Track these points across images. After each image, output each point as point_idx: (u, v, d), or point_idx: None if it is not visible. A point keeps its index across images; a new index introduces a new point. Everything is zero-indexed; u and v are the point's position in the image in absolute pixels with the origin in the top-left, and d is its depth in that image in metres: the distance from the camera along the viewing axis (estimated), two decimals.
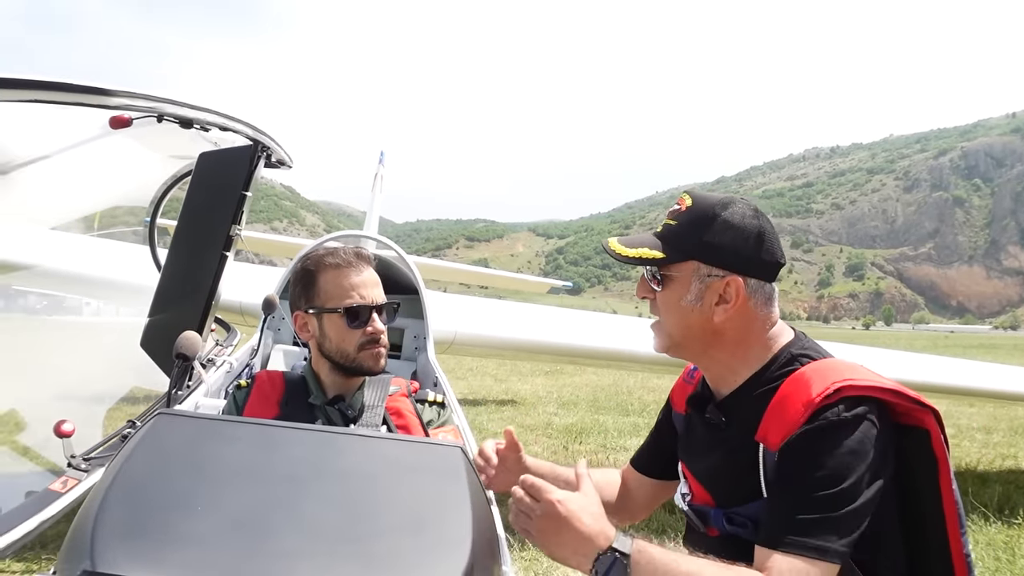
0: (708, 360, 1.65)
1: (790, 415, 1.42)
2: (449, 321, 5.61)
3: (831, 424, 1.38)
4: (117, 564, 0.92)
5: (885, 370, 4.82)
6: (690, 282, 1.56)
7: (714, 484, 1.63)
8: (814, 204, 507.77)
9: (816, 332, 41.36)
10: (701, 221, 1.56)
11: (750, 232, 1.55)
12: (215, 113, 1.90)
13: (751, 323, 1.57)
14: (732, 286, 1.53)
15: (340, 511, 1.04)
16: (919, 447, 1.46)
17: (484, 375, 15.65)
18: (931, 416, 1.45)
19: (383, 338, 2.13)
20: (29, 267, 4.38)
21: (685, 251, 1.57)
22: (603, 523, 1.35)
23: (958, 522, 1.44)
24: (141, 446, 1.11)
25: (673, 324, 1.62)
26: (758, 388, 1.54)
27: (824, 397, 1.39)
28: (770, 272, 1.58)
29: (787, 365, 1.53)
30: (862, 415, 1.39)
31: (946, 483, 1.45)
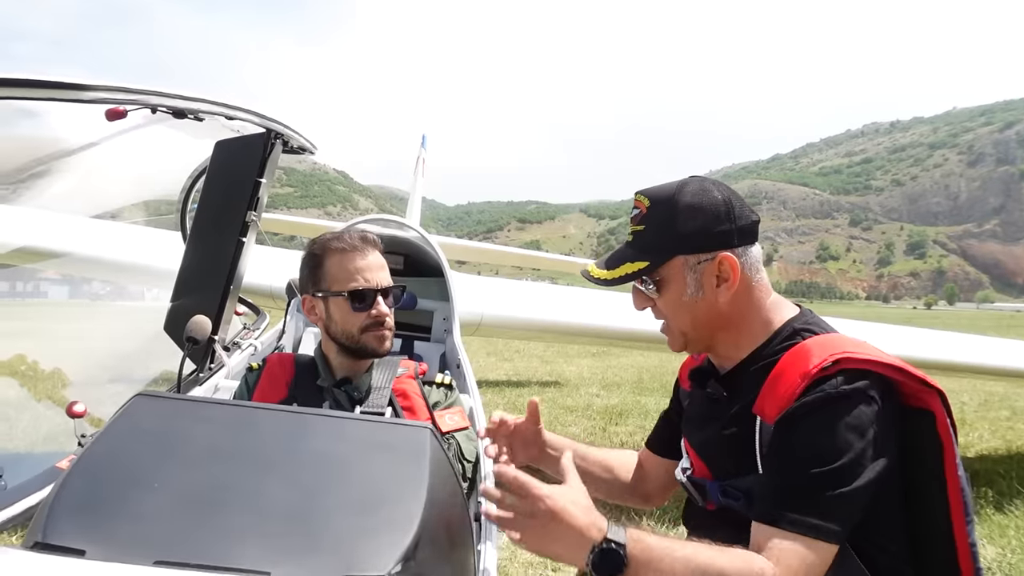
0: (716, 343, 1.64)
1: (787, 387, 1.40)
2: (476, 303, 5.64)
3: (829, 396, 1.35)
4: (66, 536, 0.96)
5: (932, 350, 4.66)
6: (684, 277, 1.54)
7: (711, 457, 1.62)
8: (873, 181, 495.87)
9: (876, 312, 40.56)
10: (666, 216, 1.54)
11: (718, 206, 1.53)
12: (214, 103, 1.94)
13: (750, 292, 1.56)
14: (726, 263, 1.52)
15: (295, 490, 1.06)
16: (924, 430, 1.43)
17: (531, 357, 15.66)
18: (936, 397, 1.42)
19: (388, 320, 2.16)
20: (63, 253, 4.55)
21: (666, 251, 1.55)
22: (594, 515, 1.30)
23: (963, 510, 1.40)
24: (114, 426, 1.16)
25: (683, 322, 1.60)
26: (759, 362, 1.53)
27: (821, 368, 1.37)
28: (751, 234, 1.57)
29: (788, 339, 1.52)
30: (862, 389, 1.36)
31: (951, 469, 1.41)
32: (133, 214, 5.15)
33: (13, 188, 3.84)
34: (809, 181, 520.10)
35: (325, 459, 1.14)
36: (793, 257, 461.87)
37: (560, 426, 7.77)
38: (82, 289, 7.06)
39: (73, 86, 1.30)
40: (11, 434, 3.47)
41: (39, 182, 3.28)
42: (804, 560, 1.29)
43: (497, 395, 9.77)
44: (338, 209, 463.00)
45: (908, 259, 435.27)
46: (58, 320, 6.29)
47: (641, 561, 1.27)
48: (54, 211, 4.77)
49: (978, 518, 4.82)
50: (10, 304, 6.06)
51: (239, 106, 2.13)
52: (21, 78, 1.16)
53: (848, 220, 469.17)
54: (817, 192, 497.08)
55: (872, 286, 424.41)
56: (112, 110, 1.60)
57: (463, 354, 3.32)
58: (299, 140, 2.68)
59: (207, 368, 2.72)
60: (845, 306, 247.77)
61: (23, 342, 3.73)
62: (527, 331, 6.58)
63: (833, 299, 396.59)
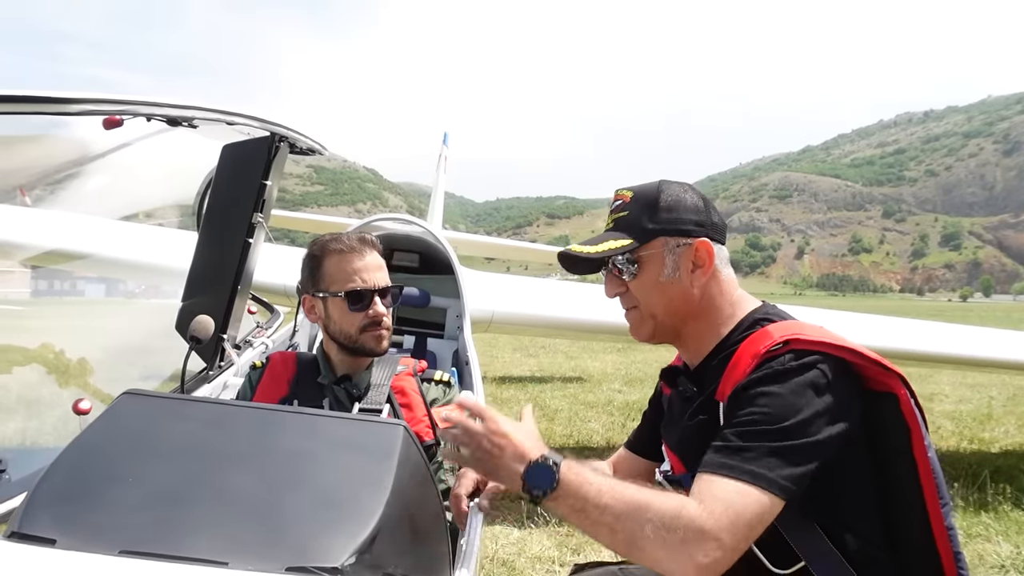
0: (686, 334, 1.68)
1: (740, 369, 1.46)
2: (487, 300, 5.68)
3: (775, 371, 1.40)
4: (40, 527, 1.03)
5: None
6: (663, 257, 1.61)
7: (685, 451, 1.64)
8: (907, 172, 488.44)
9: (910, 305, 40.05)
10: (651, 202, 1.63)
11: (694, 198, 1.64)
12: (212, 111, 2.01)
13: (719, 285, 1.64)
14: (703, 249, 1.60)
15: (261, 486, 1.12)
16: (888, 412, 1.46)
17: (556, 352, 15.71)
18: (897, 380, 1.45)
19: (386, 320, 2.21)
20: (87, 255, 4.69)
21: (650, 230, 1.61)
22: (539, 443, 1.39)
23: (936, 491, 1.43)
24: (99, 423, 1.23)
25: (655, 304, 1.65)
26: (722, 352, 1.58)
27: (769, 349, 1.43)
28: (722, 233, 1.67)
29: (749, 328, 1.58)
30: (810, 364, 1.40)
31: (920, 449, 1.43)
32: (155, 216, 5.29)
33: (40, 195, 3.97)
34: (841, 173, 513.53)
35: (294, 456, 1.20)
36: (825, 250, 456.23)
37: (580, 421, 7.80)
38: (105, 288, 7.24)
39: (60, 100, 1.36)
40: (17, 430, 3.61)
41: (63, 188, 3.39)
42: (732, 503, 1.27)
43: (520, 391, 9.83)
44: (368, 206, 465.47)
45: (943, 251, 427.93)
46: (80, 318, 6.46)
47: (572, 484, 1.31)
48: (81, 215, 4.92)
49: (995, 514, 4.78)
50: (35, 303, 6.24)
51: (238, 112, 2.19)
52: (11, 94, 1.23)
53: (881, 212, 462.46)
54: (849, 184, 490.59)
55: (906, 279, 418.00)
56: (109, 119, 1.67)
57: (472, 351, 3.37)
58: (306, 142, 2.73)
59: (216, 366, 2.79)
60: (879, 299, 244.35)
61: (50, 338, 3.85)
62: (539, 327, 6.63)
63: (866, 292, 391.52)
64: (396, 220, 4.59)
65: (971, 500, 5.05)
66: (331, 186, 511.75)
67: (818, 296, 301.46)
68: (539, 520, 4.45)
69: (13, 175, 3.08)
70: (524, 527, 4.38)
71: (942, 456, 5.21)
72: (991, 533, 4.45)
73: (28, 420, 3.56)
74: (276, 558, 1.00)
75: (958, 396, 10.38)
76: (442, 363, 3.82)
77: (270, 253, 3.96)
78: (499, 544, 4.05)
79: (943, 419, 8.42)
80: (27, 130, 2.23)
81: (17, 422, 3.64)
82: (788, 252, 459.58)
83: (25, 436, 3.54)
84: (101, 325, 5.58)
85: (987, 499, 5.09)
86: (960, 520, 4.65)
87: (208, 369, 2.77)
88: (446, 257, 4.21)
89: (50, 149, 2.51)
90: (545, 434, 7.05)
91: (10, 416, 3.68)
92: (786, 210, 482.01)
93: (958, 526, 4.42)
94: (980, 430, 7.83)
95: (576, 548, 4.06)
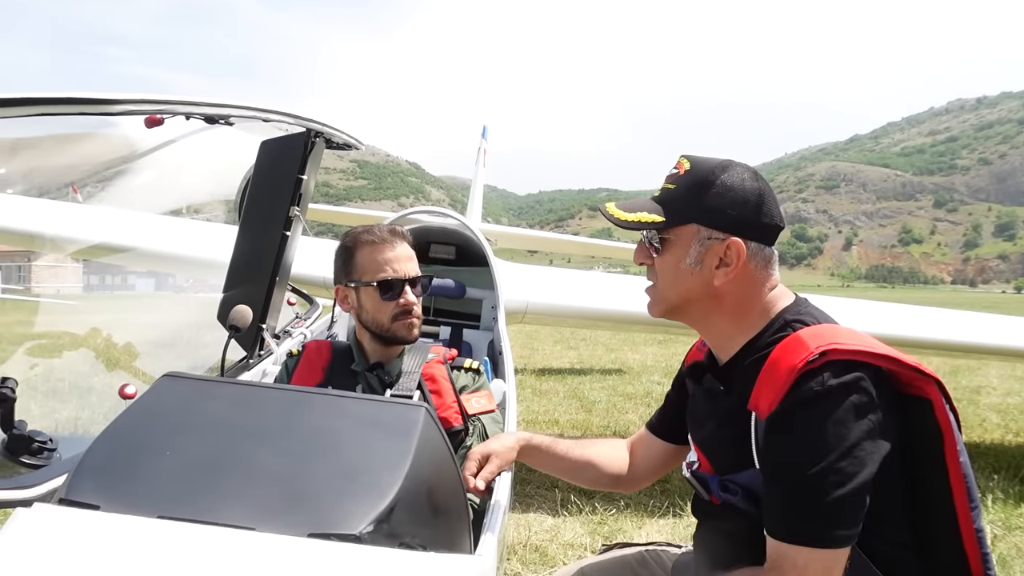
0: (707, 325, 1.66)
1: (776, 382, 1.40)
2: (521, 291, 5.73)
3: (816, 394, 1.35)
4: (85, 494, 1.14)
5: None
6: (690, 245, 1.56)
7: (711, 452, 1.65)
8: (959, 160, 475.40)
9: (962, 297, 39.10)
10: (700, 184, 1.56)
11: (750, 194, 1.54)
12: (248, 108, 2.10)
13: (751, 287, 1.57)
14: (733, 248, 1.53)
15: (288, 459, 1.21)
16: (923, 417, 1.42)
17: (596, 344, 15.72)
18: (933, 385, 1.41)
19: (416, 309, 2.29)
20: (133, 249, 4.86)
21: (685, 214, 1.57)
22: None
23: (967, 495, 1.40)
24: (140, 402, 1.34)
25: (671, 288, 1.62)
26: (752, 355, 1.53)
27: (807, 362, 1.36)
28: (770, 235, 1.57)
29: (780, 331, 1.51)
30: (850, 383, 1.35)
31: (952, 455, 1.40)
32: (198, 211, 5.45)
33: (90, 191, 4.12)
34: (890, 162, 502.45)
35: (320, 433, 1.28)
36: (874, 241, 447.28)
37: (618, 413, 7.84)
38: (153, 282, 7.47)
39: (103, 101, 1.45)
40: (70, 413, 3.78)
41: (111, 185, 3.53)
42: (810, 568, 1.32)
43: (559, 383, 9.87)
44: (411, 200, 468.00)
45: (996, 241, 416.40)
46: (132, 309, 6.67)
47: None
48: (128, 210, 5.10)
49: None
50: (87, 296, 6.47)
51: (274, 109, 2.27)
52: (57, 96, 1.32)
53: (932, 202, 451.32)
54: (899, 173, 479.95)
55: (958, 270, 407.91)
56: (150, 118, 1.76)
57: (506, 342, 3.43)
58: (342, 137, 2.82)
59: (256, 355, 2.90)
60: (930, 291, 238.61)
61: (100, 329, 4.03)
62: (573, 318, 6.66)
63: (916, 284, 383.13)
64: (432, 213, 4.68)
65: (1012, 492, 5.00)
66: (374, 180, 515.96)
67: (867, 288, 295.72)
68: (572, 509, 4.51)
69: (64, 172, 3.21)
70: (558, 515, 4.44)
71: (986, 448, 5.17)
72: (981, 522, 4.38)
73: (75, 405, 3.75)
74: (299, 524, 1.08)
75: (1006, 389, 10.17)
76: (477, 353, 3.90)
77: (311, 247, 4.08)
78: (532, 531, 4.12)
79: (989, 411, 8.28)
80: (74, 129, 2.34)
81: (69, 408, 3.83)
82: (836, 243, 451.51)
83: (74, 419, 3.72)
84: (148, 318, 5.77)
85: None
86: (1000, 512, 4.60)
87: (248, 358, 2.88)
88: (481, 249, 4.28)
89: (98, 147, 2.62)
90: (582, 425, 7.11)
91: (63, 403, 3.87)
92: (833, 200, 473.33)
93: (998, 519, 4.40)
94: None
95: (608, 536, 4.12)
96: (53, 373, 3.71)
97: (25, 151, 2.29)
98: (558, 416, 7.53)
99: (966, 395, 9.44)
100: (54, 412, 3.85)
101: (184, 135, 2.25)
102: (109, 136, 2.54)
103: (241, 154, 3.34)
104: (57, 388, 3.91)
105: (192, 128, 2.07)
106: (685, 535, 4.16)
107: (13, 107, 1.25)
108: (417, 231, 4.28)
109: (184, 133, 2.20)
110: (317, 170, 2.93)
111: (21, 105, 1.26)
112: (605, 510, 4.50)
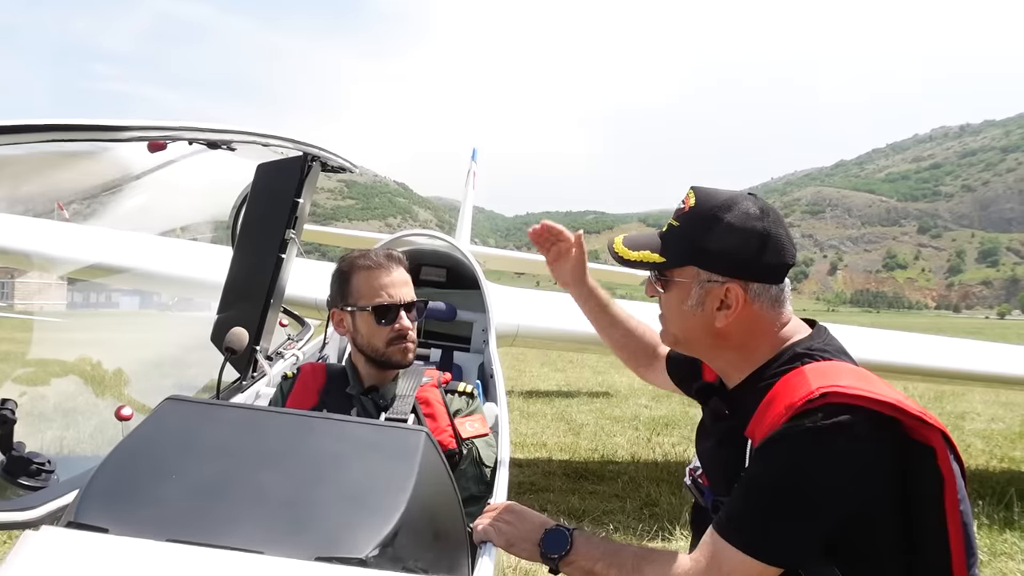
0: (713, 358, 1.66)
1: (774, 415, 1.39)
2: (512, 314, 5.74)
3: (807, 430, 1.34)
4: (94, 517, 1.15)
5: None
6: (691, 287, 1.55)
7: (709, 469, 1.67)
8: (942, 187, 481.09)
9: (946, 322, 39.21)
10: (702, 224, 1.54)
11: (752, 235, 1.50)
12: (248, 133, 2.12)
13: (756, 325, 1.55)
14: (732, 292, 1.51)
15: (290, 483, 1.23)
16: (925, 465, 1.37)
17: (583, 367, 15.75)
18: (937, 434, 1.36)
19: (411, 334, 2.30)
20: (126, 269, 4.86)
21: (684, 256, 1.56)
22: (547, 519, 1.56)
23: (963, 545, 1.36)
24: (145, 426, 1.35)
25: (677, 326, 1.63)
26: (758, 383, 1.52)
27: (806, 401, 1.35)
28: (775, 274, 1.54)
29: (788, 363, 1.50)
30: (844, 425, 1.32)
31: (952, 503, 1.36)
32: (194, 232, 5.46)
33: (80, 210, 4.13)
34: (875, 188, 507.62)
35: (324, 457, 1.30)
36: (859, 266, 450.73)
37: (605, 436, 7.86)
38: (148, 301, 7.45)
39: (112, 127, 1.48)
40: (67, 435, 3.77)
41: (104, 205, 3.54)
42: (724, 567, 1.36)
43: (547, 405, 9.88)
44: (398, 220, 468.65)
45: (980, 267, 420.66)
46: (124, 330, 6.65)
47: (582, 543, 1.47)
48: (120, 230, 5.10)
49: (1020, 533, 4.77)
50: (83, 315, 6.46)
51: (273, 134, 2.30)
52: (66, 123, 1.35)
53: (916, 227, 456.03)
54: (884, 199, 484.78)
55: (942, 295, 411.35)
56: (153, 143, 1.78)
57: (497, 365, 3.43)
58: (337, 161, 2.84)
59: (250, 376, 2.90)
60: (914, 316, 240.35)
61: (92, 349, 4.02)
62: (563, 342, 6.69)
63: (901, 308, 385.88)
64: (424, 235, 4.69)
65: (997, 518, 5.04)
66: (362, 200, 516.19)
67: (851, 313, 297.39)
68: None
69: (59, 192, 3.22)
70: None
71: (970, 475, 5.18)
72: (1015, 552, 4.45)
73: (72, 427, 3.74)
74: (306, 548, 1.10)
75: (990, 415, 10.24)
76: (468, 376, 3.90)
77: (301, 267, 4.08)
78: None
79: (974, 437, 8.34)
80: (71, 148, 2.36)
81: (62, 429, 3.82)
82: (821, 268, 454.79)
83: (71, 441, 3.71)
84: (139, 338, 5.76)
85: (1013, 518, 5.07)
86: (985, 538, 4.64)
87: (241, 379, 2.87)
88: (472, 272, 4.29)
89: (92, 167, 2.63)
90: (570, 448, 7.11)
91: (57, 423, 3.86)
92: (819, 225, 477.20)
93: (983, 545, 4.43)
94: (1011, 449, 7.76)
95: None
96: (48, 395, 3.71)
97: (14, 168, 2.31)
98: (546, 439, 7.53)
99: (951, 421, 9.49)
100: (49, 434, 3.85)
101: (178, 157, 2.27)
102: (102, 157, 2.56)
103: (234, 176, 3.36)
104: (52, 410, 3.90)
105: (188, 151, 2.09)
106: None
107: (23, 133, 1.27)
108: (408, 253, 4.27)
109: (178, 156, 2.22)
110: (312, 193, 2.95)
111: (31, 132, 1.29)
112: (595, 533, 4.49)
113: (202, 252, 5.16)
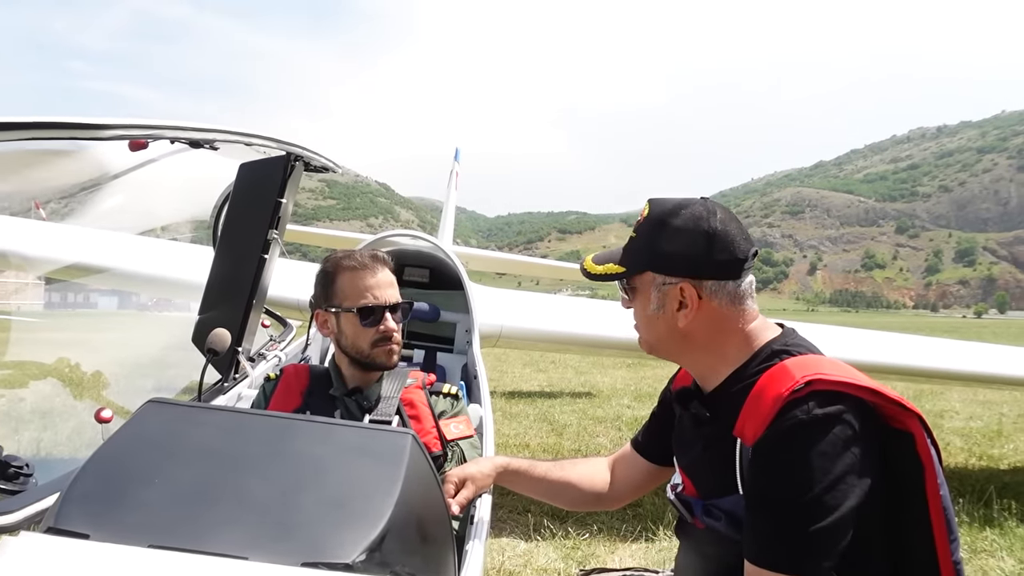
0: (687, 360, 1.71)
1: (762, 410, 1.42)
2: (496, 315, 5.74)
3: (799, 424, 1.36)
4: (74, 522, 1.12)
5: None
6: (650, 292, 1.63)
7: (696, 476, 1.67)
8: (920, 187, 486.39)
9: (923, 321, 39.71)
10: (654, 230, 1.62)
11: (699, 234, 1.56)
12: (230, 132, 2.09)
13: (720, 323, 1.59)
14: (687, 292, 1.57)
15: (277, 487, 1.21)
16: (903, 451, 1.44)
17: (566, 367, 15.73)
18: (915, 420, 1.44)
19: (396, 335, 2.28)
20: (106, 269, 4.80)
21: (641, 263, 1.64)
22: None
23: (945, 528, 1.42)
24: (126, 428, 1.32)
25: (645, 331, 1.70)
26: (738, 384, 1.55)
27: (793, 391, 1.38)
28: (728, 270, 1.57)
29: (767, 360, 1.54)
30: (834, 415, 1.37)
31: (932, 488, 1.42)
32: (174, 232, 5.41)
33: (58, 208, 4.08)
34: (854, 188, 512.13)
35: (309, 461, 1.28)
36: (838, 266, 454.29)
37: (588, 436, 7.85)
38: (128, 302, 7.38)
39: (92, 126, 1.45)
40: (45, 438, 3.72)
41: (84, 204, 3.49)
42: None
43: (529, 406, 9.86)
44: (380, 221, 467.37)
45: (957, 267, 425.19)
46: (104, 330, 6.58)
47: None
48: (101, 230, 5.04)
49: (1000, 530, 4.81)
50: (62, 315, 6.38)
51: (256, 133, 2.27)
52: (47, 121, 1.33)
53: (894, 227, 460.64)
54: (862, 199, 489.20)
55: (920, 295, 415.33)
56: (134, 142, 1.76)
57: (480, 365, 3.42)
58: (320, 160, 2.82)
59: (232, 378, 2.87)
60: (892, 315, 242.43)
61: (71, 350, 3.97)
62: (547, 342, 6.70)
63: (879, 308, 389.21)
64: (407, 236, 4.67)
65: (977, 516, 5.08)
66: (343, 200, 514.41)
67: (831, 312, 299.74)
68: (545, 533, 4.50)
69: (32, 190, 3.18)
70: (531, 539, 4.43)
71: (950, 473, 5.24)
72: (995, 548, 4.48)
73: (51, 429, 3.69)
74: (292, 554, 1.08)
75: (968, 413, 10.34)
76: (451, 377, 3.88)
77: (283, 268, 4.05)
78: (506, 556, 4.11)
79: (952, 436, 8.41)
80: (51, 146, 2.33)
81: (41, 431, 3.77)
82: (800, 268, 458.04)
83: (49, 444, 3.66)
84: (118, 339, 5.70)
85: (993, 515, 5.11)
86: (965, 536, 4.66)
87: (223, 381, 2.84)
88: (456, 272, 4.28)
89: (71, 166, 2.60)
90: (553, 448, 7.11)
91: (35, 426, 3.81)
92: (798, 226, 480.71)
93: (964, 542, 4.47)
94: (989, 447, 7.82)
95: (581, 560, 4.12)
96: (26, 397, 3.66)
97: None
98: (529, 440, 7.52)
99: (929, 419, 9.39)
100: (28, 436, 3.80)
101: (159, 156, 2.25)
102: (83, 155, 2.53)
103: (216, 176, 3.32)
104: (30, 412, 3.85)
105: (169, 150, 2.07)
106: (658, 559, 4.17)
107: (2, 131, 1.25)
108: (391, 254, 4.25)
109: (160, 155, 2.20)
110: (295, 193, 2.93)
111: (10, 129, 1.26)
112: (578, 534, 4.50)
113: (183, 252, 5.11)
